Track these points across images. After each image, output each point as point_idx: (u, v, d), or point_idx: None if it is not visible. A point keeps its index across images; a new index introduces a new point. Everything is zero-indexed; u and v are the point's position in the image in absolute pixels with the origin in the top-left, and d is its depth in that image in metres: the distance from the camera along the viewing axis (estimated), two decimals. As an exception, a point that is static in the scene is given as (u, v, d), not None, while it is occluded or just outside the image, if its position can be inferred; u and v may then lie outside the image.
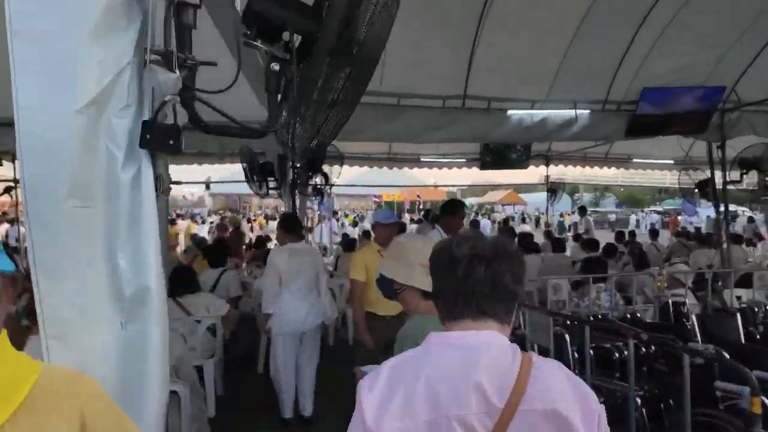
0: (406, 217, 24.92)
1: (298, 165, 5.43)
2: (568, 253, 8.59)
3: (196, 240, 10.39)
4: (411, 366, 1.06)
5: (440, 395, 0.99)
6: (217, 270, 5.17)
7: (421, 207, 28.22)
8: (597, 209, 47.66)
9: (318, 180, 6.61)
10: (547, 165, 11.17)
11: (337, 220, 32.31)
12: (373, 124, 5.82)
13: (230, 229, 11.46)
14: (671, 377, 3.03)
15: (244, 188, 7.65)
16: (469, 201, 56.04)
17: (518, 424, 0.98)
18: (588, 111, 6.41)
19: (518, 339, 3.14)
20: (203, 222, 23.71)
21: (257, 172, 5.43)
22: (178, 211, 37.96)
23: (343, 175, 10.16)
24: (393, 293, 1.80)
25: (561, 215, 35.61)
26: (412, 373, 1.03)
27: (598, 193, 53.06)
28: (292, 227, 4.10)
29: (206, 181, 12.21)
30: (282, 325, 3.92)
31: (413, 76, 5.80)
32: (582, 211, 11.85)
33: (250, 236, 14.20)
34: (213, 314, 4.04)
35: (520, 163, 10.90)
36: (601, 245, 7.91)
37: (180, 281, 3.95)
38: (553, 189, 11.21)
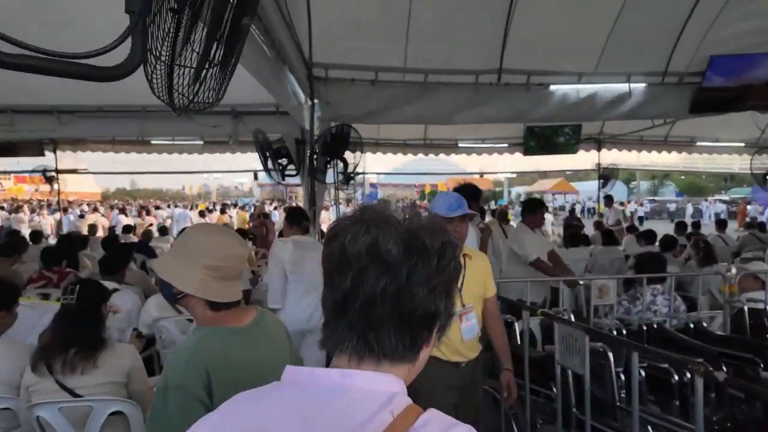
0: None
1: (316, 150, 4.98)
2: (621, 247, 7.74)
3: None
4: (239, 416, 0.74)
5: None
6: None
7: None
8: (655, 198, 44.82)
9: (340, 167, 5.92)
10: (599, 149, 10.25)
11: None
12: (396, 105, 5.32)
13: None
14: (750, 407, 2.39)
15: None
16: (516, 190, 54.48)
17: None
18: (644, 84, 5.59)
19: (547, 357, 2.57)
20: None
21: (272, 157, 5.09)
22: (228, 201, 39.05)
23: (384, 162, 9.74)
24: (173, 298, 1.37)
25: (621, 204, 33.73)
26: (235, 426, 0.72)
27: (657, 180, 49.82)
28: (297, 220, 3.68)
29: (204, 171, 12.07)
30: (286, 324, 3.52)
31: (441, 50, 5.24)
32: (609, 200, 10.55)
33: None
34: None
35: (569, 148, 10.04)
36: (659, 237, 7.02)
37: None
38: (605, 176, 10.27)
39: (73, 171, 10.77)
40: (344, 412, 0.68)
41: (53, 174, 10.01)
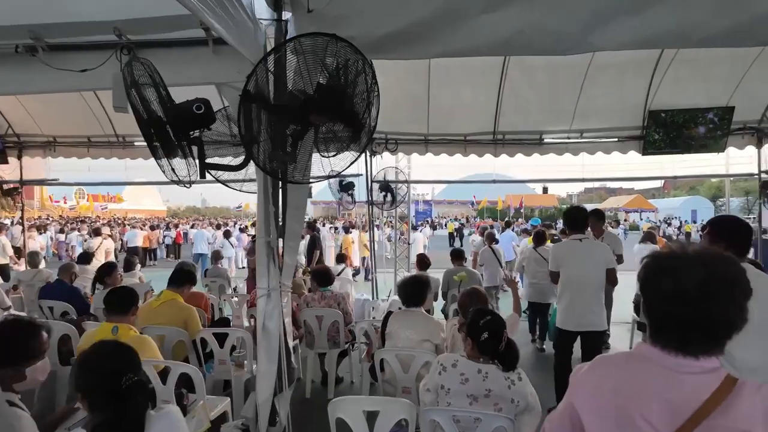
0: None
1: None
2: None
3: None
4: None
5: None
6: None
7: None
8: None
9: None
10: (760, 144, 6.82)
11: (433, 228, 29.05)
12: (456, 16, 2.44)
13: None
14: None
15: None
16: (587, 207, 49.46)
17: None
18: None
19: None
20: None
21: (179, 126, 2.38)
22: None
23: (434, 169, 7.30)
24: None
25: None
26: None
27: None
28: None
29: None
30: None
31: None
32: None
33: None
34: None
35: (713, 143, 6.72)
36: None
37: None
38: (770, 183, 6.79)
39: (41, 182, 8.64)
40: None
41: (14, 186, 7.84)
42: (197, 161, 2.28)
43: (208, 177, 2.57)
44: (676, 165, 7.67)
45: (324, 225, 26.13)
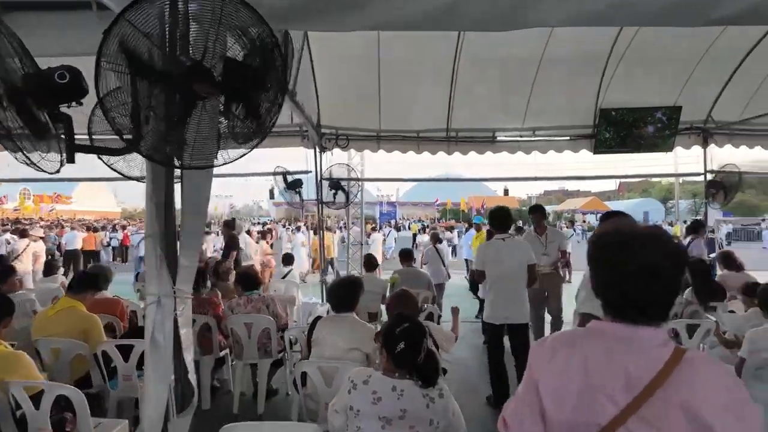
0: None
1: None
2: None
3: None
4: None
5: None
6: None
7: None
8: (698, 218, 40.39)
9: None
10: (705, 144, 6.90)
11: (398, 229, 28.74)
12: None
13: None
14: None
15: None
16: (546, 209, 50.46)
17: None
18: None
19: None
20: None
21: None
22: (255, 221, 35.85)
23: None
24: None
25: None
26: None
27: (699, 198, 45.28)
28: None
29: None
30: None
31: None
32: (693, 229, 6.08)
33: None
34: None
35: (662, 142, 6.73)
36: None
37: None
38: (717, 184, 6.86)
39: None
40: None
41: None
42: (65, 142, 1.90)
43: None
44: (626, 164, 7.71)
45: (285, 226, 25.50)
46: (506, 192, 44.51)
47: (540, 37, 5.61)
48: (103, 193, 45.94)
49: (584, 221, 42.27)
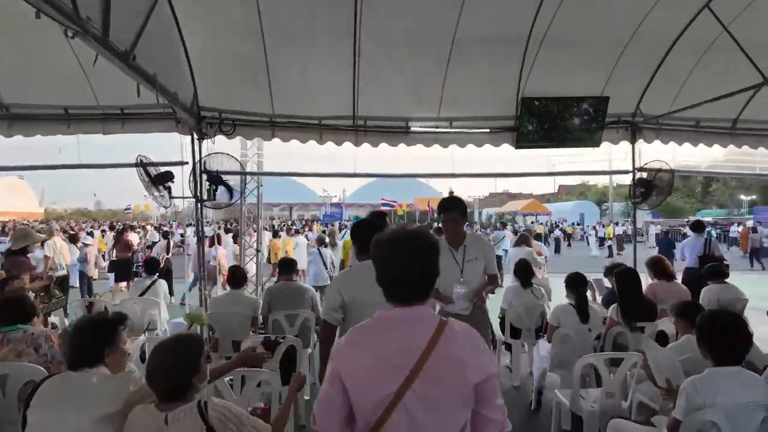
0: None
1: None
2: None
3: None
4: None
5: None
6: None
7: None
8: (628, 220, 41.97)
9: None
10: (634, 138, 6.36)
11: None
12: None
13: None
14: None
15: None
16: (487, 211, 50.83)
17: None
18: None
19: None
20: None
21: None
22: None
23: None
24: None
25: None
26: None
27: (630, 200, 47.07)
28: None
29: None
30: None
31: None
32: (693, 229, 6.13)
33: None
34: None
35: (589, 137, 6.13)
36: None
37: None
38: (645, 181, 6.33)
39: None
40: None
41: None
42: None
43: None
44: (556, 160, 7.08)
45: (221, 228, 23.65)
46: (451, 194, 44.27)
47: (453, 6, 4.78)
48: (18, 189, 40.52)
49: (532, 223, 42.66)
